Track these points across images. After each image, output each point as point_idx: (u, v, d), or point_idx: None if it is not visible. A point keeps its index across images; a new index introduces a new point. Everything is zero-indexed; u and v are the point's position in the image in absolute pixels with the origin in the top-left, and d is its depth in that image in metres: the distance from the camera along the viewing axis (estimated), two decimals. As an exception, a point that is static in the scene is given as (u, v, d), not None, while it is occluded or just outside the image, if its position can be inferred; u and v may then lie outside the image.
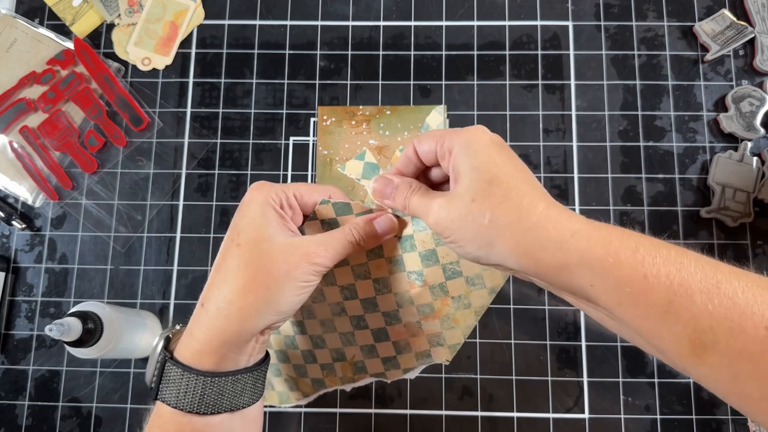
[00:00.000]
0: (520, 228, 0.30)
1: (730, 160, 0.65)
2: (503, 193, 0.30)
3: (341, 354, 0.45)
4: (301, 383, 0.49)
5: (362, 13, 0.71)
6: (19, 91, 0.68)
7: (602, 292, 0.28)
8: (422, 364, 0.44)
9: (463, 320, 0.40)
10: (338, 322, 0.43)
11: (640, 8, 0.70)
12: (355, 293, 0.41)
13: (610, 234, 0.29)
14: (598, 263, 0.28)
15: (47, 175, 0.67)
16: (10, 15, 0.71)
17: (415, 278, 0.39)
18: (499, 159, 0.32)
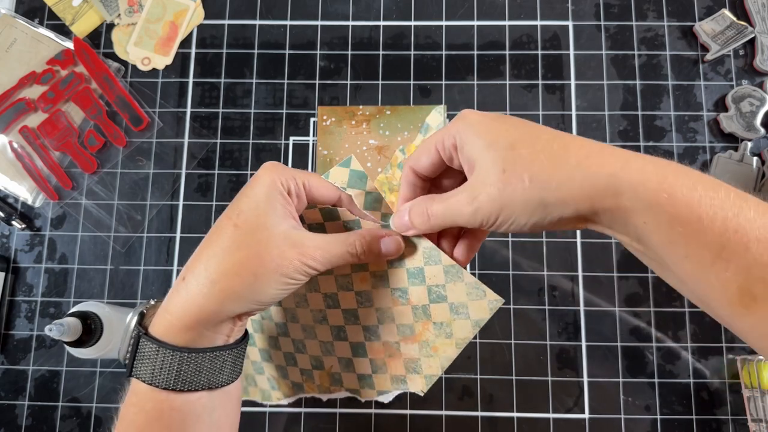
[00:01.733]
0: (564, 173, 0.28)
1: (730, 160, 0.65)
2: (530, 150, 0.29)
3: (320, 362, 0.44)
4: (282, 384, 0.49)
5: (362, 13, 0.71)
6: (19, 91, 0.68)
7: (653, 230, 0.27)
8: (396, 390, 0.43)
9: (443, 350, 0.39)
10: (319, 330, 0.42)
11: (640, 8, 0.70)
12: (337, 302, 0.41)
13: (665, 168, 0.27)
14: (652, 197, 0.26)
15: (47, 175, 0.67)
16: (10, 15, 0.70)
17: (399, 295, 0.39)
18: (507, 125, 0.31)
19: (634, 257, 0.65)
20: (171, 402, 0.33)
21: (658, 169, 0.27)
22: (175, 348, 0.33)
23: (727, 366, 0.62)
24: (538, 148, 0.29)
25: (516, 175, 0.29)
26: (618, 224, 0.29)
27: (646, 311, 0.63)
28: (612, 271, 0.64)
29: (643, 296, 0.63)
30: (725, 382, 0.61)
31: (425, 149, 0.35)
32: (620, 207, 0.28)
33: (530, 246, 0.64)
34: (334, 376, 0.44)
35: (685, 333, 0.62)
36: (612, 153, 0.29)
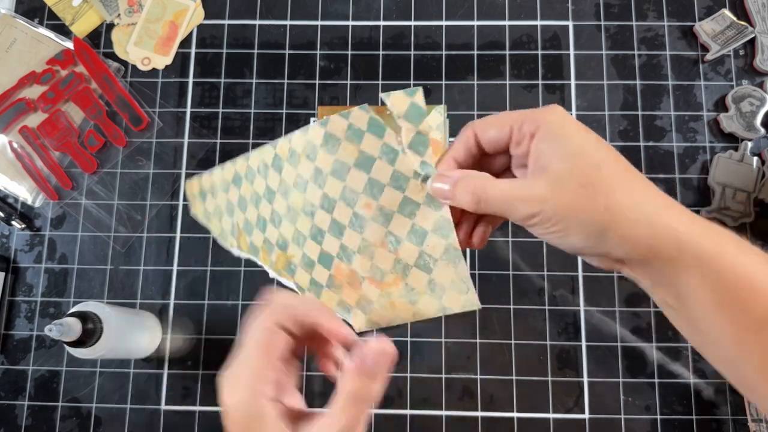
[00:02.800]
0: (639, 214, 0.28)
1: (730, 160, 0.65)
2: (616, 178, 0.28)
3: (285, 245, 0.42)
4: (242, 237, 0.47)
5: (362, 13, 0.71)
6: (19, 91, 0.68)
7: (703, 291, 0.27)
8: (337, 313, 0.41)
9: (399, 311, 0.38)
10: (301, 220, 0.40)
11: (640, 8, 0.70)
12: (332, 209, 0.39)
13: (725, 236, 0.28)
14: (711, 260, 0.27)
15: (47, 175, 0.67)
16: (10, 15, 0.70)
17: (391, 240, 0.37)
18: (596, 143, 0.29)
19: (634, 257, 0.65)
20: None
21: (719, 237, 0.28)
22: None
23: (727, 366, 0.62)
24: (625, 180, 0.29)
25: (594, 196, 0.28)
26: (663, 278, 0.29)
27: (646, 311, 0.63)
28: (612, 271, 0.64)
29: (644, 296, 0.63)
30: (725, 382, 0.61)
31: (497, 123, 0.32)
32: (675, 263, 0.28)
33: (530, 246, 0.64)
34: (291, 265, 0.42)
35: (685, 333, 0.62)
36: (681, 211, 0.29)
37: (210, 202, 0.52)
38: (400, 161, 0.37)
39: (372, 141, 0.37)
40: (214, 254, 0.66)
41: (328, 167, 0.39)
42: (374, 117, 0.37)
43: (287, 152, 0.41)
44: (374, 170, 0.37)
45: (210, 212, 0.52)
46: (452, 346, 0.63)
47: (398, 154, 0.37)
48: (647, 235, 0.28)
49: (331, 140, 0.38)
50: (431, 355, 0.63)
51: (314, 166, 0.39)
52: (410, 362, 0.63)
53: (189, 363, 0.63)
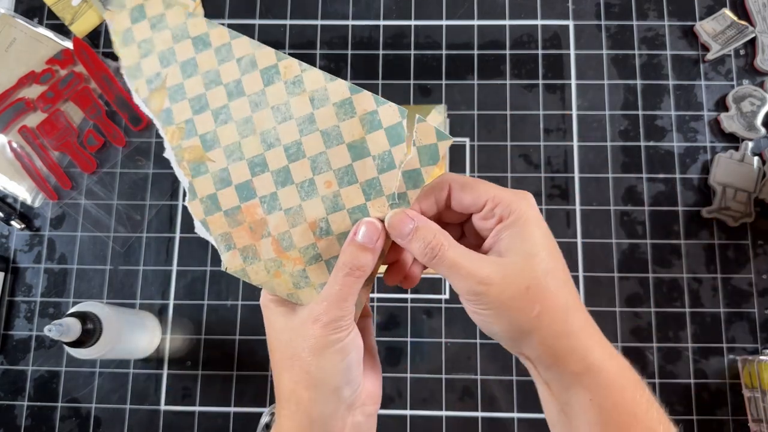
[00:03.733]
0: (562, 330, 0.31)
1: (731, 159, 0.65)
2: (556, 289, 0.31)
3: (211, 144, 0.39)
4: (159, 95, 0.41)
5: (362, 13, 0.71)
6: (18, 91, 0.68)
7: (591, 407, 0.31)
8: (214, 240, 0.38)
9: (278, 284, 0.36)
10: (251, 140, 0.38)
11: (640, 8, 0.70)
12: (295, 159, 0.37)
13: (621, 361, 0.32)
14: (606, 388, 0.30)
15: (46, 175, 0.67)
16: (9, 14, 0.70)
17: (322, 227, 0.36)
18: (551, 250, 0.31)
19: (634, 257, 0.65)
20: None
21: (621, 370, 0.31)
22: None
23: (727, 366, 0.62)
24: (562, 293, 0.31)
25: (532, 301, 0.30)
26: (559, 386, 0.32)
27: (646, 311, 0.63)
28: (612, 271, 0.64)
29: (644, 296, 0.63)
30: (726, 382, 0.61)
31: (475, 193, 0.33)
32: (575, 378, 0.31)
33: (530, 246, 0.64)
34: (201, 167, 0.39)
35: (686, 333, 0.62)
36: (599, 337, 0.32)
37: (144, 27, 0.42)
38: (388, 176, 0.35)
39: (380, 139, 0.36)
40: (213, 254, 0.65)
41: (323, 125, 0.37)
42: (400, 124, 0.36)
43: (291, 76, 0.38)
44: (360, 163, 0.36)
45: (135, 37, 0.42)
46: (452, 346, 0.63)
47: (393, 168, 0.35)
48: (564, 349, 0.31)
49: (346, 108, 0.36)
50: (431, 355, 0.63)
51: (311, 112, 0.37)
52: (410, 362, 0.62)
53: (188, 363, 0.63)
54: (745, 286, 0.63)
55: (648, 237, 0.65)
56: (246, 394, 0.62)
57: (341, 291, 0.32)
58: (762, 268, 0.64)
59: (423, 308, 0.64)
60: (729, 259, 0.64)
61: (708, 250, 0.64)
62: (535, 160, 0.67)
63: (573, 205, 0.66)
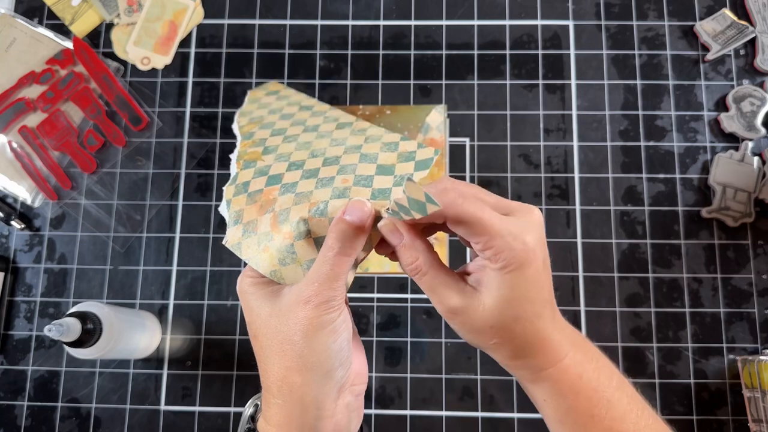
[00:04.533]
0: (519, 354, 0.33)
1: (731, 159, 0.65)
2: (521, 331, 0.32)
3: (269, 151, 0.44)
4: (250, 125, 0.49)
5: (362, 12, 0.71)
6: (18, 91, 0.68)
7: (550, 410, 0.33)
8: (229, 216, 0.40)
9: (264, 258, 0.36)
10: (302, 152, 0.42)
11: (640, 8, 0.70)
12: (328, 164, 0.40)
13: (583, 367, 0.33)
14: (562, 393, 0.33)
15: (46, 175, 0.67)
16: (9, 14, 0.70)
17: (320, 208, 0.36)
18: (535, 292, 0.32)
19: (634, 257, 0.65)
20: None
21: (577, 371, 0.33)
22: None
23: (727, 366, 0.62)
24: (527, 331, 0.32)
25: (493, 337, 0.32)
26: (522, 382, 0.35)
27: (646, 311, 0.63)
28: (612, 271, 0.64)
29: (644, 296, 0.63)
30: (726, 382, 0.61)
31: (470, 228, 0.32)
32: (536, 386, 0.34)
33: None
34: (251, 165, 0.42)
35: (686, 333, 0.62)
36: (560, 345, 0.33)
37: (271, 96, 0.54)
38: (400, 189, 0.36)
39: (408, 167, 0.38)
40: (213, 254, 0.65)
41: (366, 151, 0.40)
42: (431, 159, 0.38)
43: (359, 128, 0.43)
44: (381, 177, 0.38)
45: (262, 101, 0.53)
46: (452, 346, 0.63)
47: (403, 182, 0.36)
48: (519, 365, 0.34)
49: (390, 146, 0.40)
50: (431, 355, 0.63)
51: (360, 144, 0.41)
52: (410, 362, 0.62)
53: (188, 363, 0.63)
54: (745, 286, 0.63)
55: (648, 237, 0.65)
56: (246, 394, 0.62)
57: (332, 271, 0.32)
58: (762, 268, 0.64)
59: (423, 308, 0.64)
60: (729, 259, 0.64)
61: (708, 250, 0.64)
62: (535, 160, 0.67)
63: (573, 205, 0.66)
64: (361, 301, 0.64)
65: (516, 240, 0.31)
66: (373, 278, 0.65)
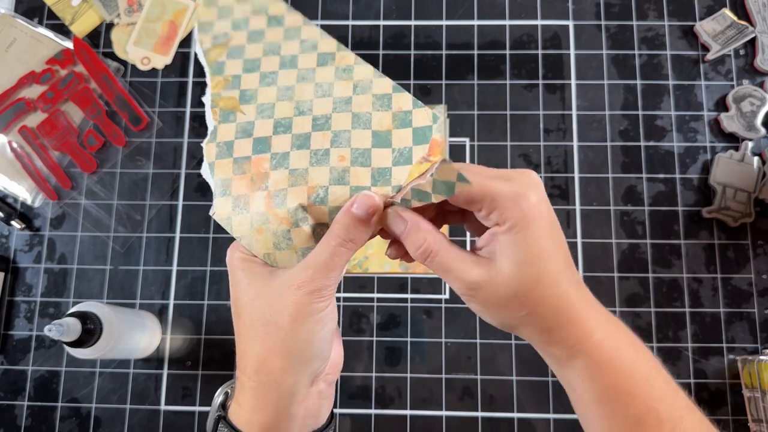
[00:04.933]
0: (550, 325, 0.31)
1: (731, 159, 0.65)
2: (547, 294, 0.31)
3: (249, 98, 0.40)
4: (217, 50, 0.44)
5: (362, 12, 0.71)
6: (18, 91, 0.68)
7: (588, 389, 0.32)
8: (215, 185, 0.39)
9: (258, 241, 0.35)
10: (286, 105, 0.39)
11: (640, 8, 0.70)
12: (321, 129, 0.37)
13: (618, 342, 0.32)
14: (599, 369, 0.31)
15: (46, 174, 0.67)
16: (9, 14, 0.70)
17: (320, 194, 0.35)
18: (551, 250, 0.31)
19: (634, 257, 0.65)
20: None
21: (612, 344, 0.32)
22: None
23: (727, 366, 0.62)
24: (552, 294, 0.31)
25: (520, 306, 0.31)
26: (555, 364, 0.34)
27: (646, 311, 0.63)
28: (612, 271, 0.64)
29: (644, 296, 0.63)
30: (726, 382, 0.61)
31: (470, 195, 0.31)
32: (570, 365, 0.32)
33: (530, 246, 0.64)
34: (231, 115, 0.40)
35: (686, 333, 0.62)
36: (589, 319, 0.32)
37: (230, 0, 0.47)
38: (400, 169, 0.35)
39: (405, 136, 0.36)
40: (213, 254, 0.65)
41: (357, 109, 0.37)
42: (429, 128, 0.37)
43: (344, 64, 0.40)
44: (379, 151, 0.36)
45: (218, 3, 0.47)
46: (452, 347, 0.63)
47: (409, 163, 0.35)
48: (552, 339, 0.32)
49: (383, 101, 0.37)
50: (431, 355, 0.63)
51: (350, 96, 0.38)
52: (410, 362, 0.63)
53: (188, 363, 0.63)
54: (745, 286, 0.63)
55: (648, 237, 0.65)
56: (246, 394, 0.62)
57: (331, 260, 0.32)
58: (762, 268, 0.64)
59: (423, 308, 0.64)
60: (729, 259, 0.64)
61: (708, 250, 0.64)
62: (535, 160, 0.67)
63: (573, 205, 0.66)
64: (361, 301, 0.64)
65: (519, 197, 0.30)
66: (373, 278, 0.65)
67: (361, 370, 0.63)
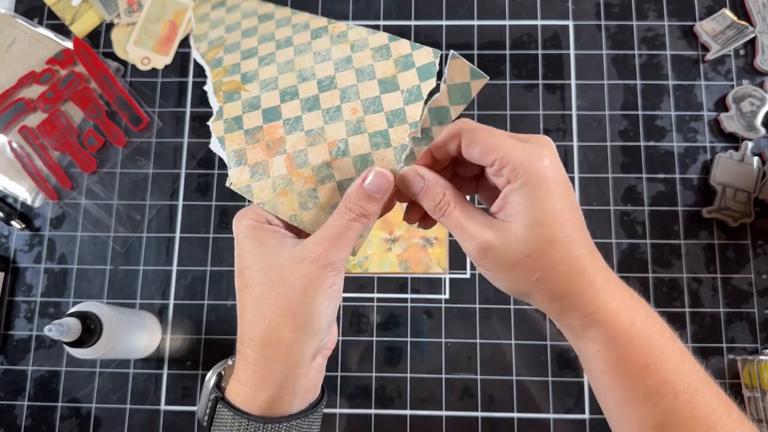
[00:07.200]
0: (563, 292, 0.31)
1: (730, 159, 0.65)
2: (560, 257, 0.30)
3: (250, 79, 0.41)
4: (215, 50, 0.45)
5: (362, 12, 0.71)
6: (19, 91, 0.68)
7: (603, 360, 0.31)
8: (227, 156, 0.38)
9: (283, 204, 0.36)
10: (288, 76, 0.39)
11: (640, 8, 0.70)
12: (326, 89, 0.37)
13: (634, 313, 0.31)
14: (614, 340, 0.30)
15: (46, 175, 0.67)
16: (10, 14, 0.70)
17: (340, 148, 0.35)
18: (565, 213, 0.30)
19: (634, 257, 0.65)
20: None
21: (629, 315, 0.31)
22: (250, 417, 0.32)
23: (727, 366, 0.62)
24: (566, 260, 0.30)
25: (533, 268, 0.30)
26: (569, 333, 0.33)
27: (646, 311, 0.63)
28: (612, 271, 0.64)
29: (644, 296, 0.63)
30: (726, 382, 0.61)
31: (487, 145, 0.31)
32: (584, 335, 0.31)
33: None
34: (235, 95, 0.40)
35: (686, 333, 0.62)
36: (607, 291, 0.31)
37: (220, 11, 0.48)
38: (414, 106, 0.35)
39: (411, 77, 0.36)
40: (213, 254, 0.66)
41: (359, 64, 0.38)
42: (432, 63, 0.36)
43: (338, 31, 0.40)
44: (388, 95, 0.36)
45: (210, 17, 0.47)
46: (452, 346, 0.63)
47: (420, 99, 0.35)
48: (565, 306, 0.31)
49: (382, 52, 0.38)
50: (431, 355, 0.63)
51: (349, 55, 0.38)
52: (410, 362, 0.63)
53: (189, 363, 0.63)
54: (744, 286, 0.63)
55: (648, 237, 0.65)
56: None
57: (345, 234, 0.32)
58: (762, 268, 0.64)
59: (423, 308, 0.64)
60: (729, 259, 0.64)
61: (708, 250, 0.64)
62: (535, 160, 0.67)
63: (573, 205, 0.66)
64: (361, 301, 0.64)
65: (532, 154, 0.30)
66: (373, 278, 0.65)
67: (361, 370, 0.63)
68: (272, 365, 0.32)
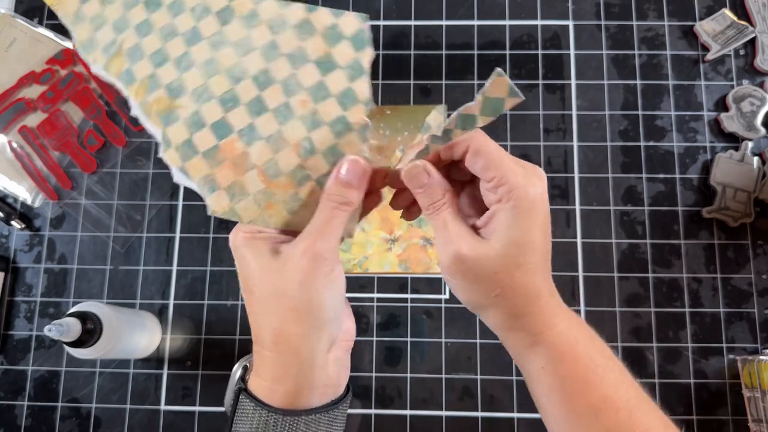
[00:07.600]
0: (519, 311, 0.33)
1: (731, 159, 0.65)
2: (523, 280, 0.32)
3: (177, 91, 0.38)
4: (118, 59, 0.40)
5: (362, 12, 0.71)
6: (19, 91, 0.68)
7: (548, 377, 0.33)
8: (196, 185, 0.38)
9: (271, 214, 0.35)
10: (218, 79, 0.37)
11: (640, 8, 0.70)
12: (266, 87, 0.36)
13: (578, 335, 0.34)
14: (559, 358, 0.33)
15: (46, 175, 0.67)
16: (10, 14, 0.70)
17: (306, 147, 0.35)
18: (540, 241, 0.33)
19: (634, 257, 0.65)
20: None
21: (573, 334, 0.33)
22: (270, 409, 0.33)
23: (727, 366, 0.62)
24: (527, 283, 0.33)
25: (495, 284, 0.32)
26: (513, 351, 0.35)
27: (646, 311, 0.63)
28: (612, 271, 0.64)
29: (644, 296, 0.63)
30: (726, 382, 0.61)
31: (492, 163, 0.33)
32: (531, 352, 0.33)
33: (530, 246, 0.64)
34: (171, 114, 0.38)
35: (686, 333, 0.62)
36: (554, 315, 0.33)
37: (93, 5, 0.42)
38: (360, 82, 0.35)
39: (346, 49, 0.35)
40: (213, 254, 0.65)
41: (287, 49, 0.36)
42: (362, 30, 0.36)
43: (247, 10, 0.37)
44: (331, 76, 0.35)
45: (85, 15, 0.41)
46: (452, 347, 0.63)
47: (363, 74, 0.35)
48: (516, 325, 0.33)
49: (305, 28, 0.36)
50: (431, 355, 0.63)
51: (272, 39, 0.36)
52: (410, 362, 0.63)
53: (188, 363, 0.63)
54: (744, 286, 0.63)
55: (648, 237, 0.65)
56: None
57: (329, 224, 0.33)
58: (762, 268, 0.64)
59: (423, 308, 0.64)
60: (729, 259, 0.64)
61: (708, 250, 0.64)
62: (535, 160, 0.67)
63: (573, 205, 0.66)
64: (361, 301, 0.64)
65: (528, 182, 0.32)
66: (373, 278, 0.65)
67: (361, 370, 0.63)
68: (286, 360, 0.33)
